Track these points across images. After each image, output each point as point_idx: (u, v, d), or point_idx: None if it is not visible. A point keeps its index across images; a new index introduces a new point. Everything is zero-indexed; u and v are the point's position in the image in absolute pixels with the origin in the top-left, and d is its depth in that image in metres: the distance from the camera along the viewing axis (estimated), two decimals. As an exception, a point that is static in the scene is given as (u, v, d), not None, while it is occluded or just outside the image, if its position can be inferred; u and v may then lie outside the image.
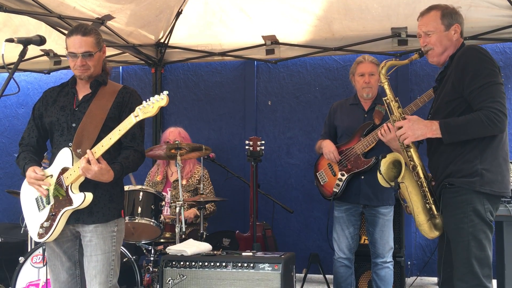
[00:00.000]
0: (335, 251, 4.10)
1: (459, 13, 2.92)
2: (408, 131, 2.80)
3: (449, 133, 2.71)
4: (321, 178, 4.16)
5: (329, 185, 4.09)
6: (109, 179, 2.84)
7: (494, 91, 2.68)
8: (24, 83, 6.19)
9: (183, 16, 5.24)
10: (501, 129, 2.69)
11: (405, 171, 2.86)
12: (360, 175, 3.98)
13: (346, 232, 4.05)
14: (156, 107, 2.70)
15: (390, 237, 4.02)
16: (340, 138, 4.16)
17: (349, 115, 4.14)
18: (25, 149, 3.06)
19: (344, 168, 4.01)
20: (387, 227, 4.01)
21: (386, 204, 3.99)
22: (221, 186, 5.36)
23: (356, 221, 4.08)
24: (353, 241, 4.07)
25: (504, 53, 5.13)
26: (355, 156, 3.97)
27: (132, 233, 4.15)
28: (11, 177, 6.19)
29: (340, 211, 4.07)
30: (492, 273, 2.73)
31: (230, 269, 3.52)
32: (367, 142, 3.93)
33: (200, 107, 5.88)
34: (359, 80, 4.06)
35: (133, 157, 2.97)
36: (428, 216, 2.87)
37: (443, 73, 2.93)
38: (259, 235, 4.60)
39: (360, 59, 4.10)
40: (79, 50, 2.91)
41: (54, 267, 3.03)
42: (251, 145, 4.53)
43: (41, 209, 2.96)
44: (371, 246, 4.07)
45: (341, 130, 4.14)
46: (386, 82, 3.02)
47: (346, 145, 4.06)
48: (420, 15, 2.95)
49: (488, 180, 2.69)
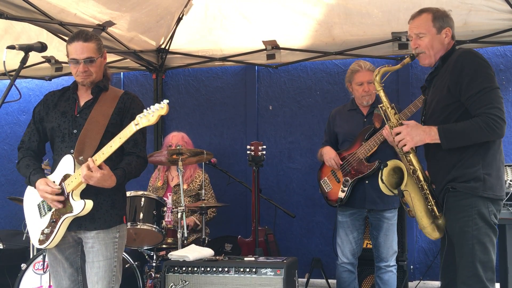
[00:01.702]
0: (339, 256, 4.08)
1: (450, 17, 2.93)
2: (406, 137, 2.79)
3: (448, 139, 2.71)
4: (326, 186, 4.14)
5: (334, 192, 4.07)
6: (112, 185, 2.84)
7: (492, 97, 2.68)
8: (26, 90, 6.20)
9: (183, 22, 5.25)
10: (500, 135, 2.70)
11: (408, 178, 2.85)
12: (364, 180, 3.97)
13: (350, 237, 4.03)
14: (156, 116, 2.70)
15: (394, 241, 4.01)
16: (341, 144, 4.15)
17: (349, 121, 4.13)
18: (26, 154, 3.05)
19: (348, 174, 4.00)
20: (391, 231, 4.00)
21: (391, 207, 3.97)
22: (222, 191, 5.36)
23: (360, 226, 4.06)
24: (357, 246, 4.05)
25: (505, 56, 5.13)
26: (358, 161, 3.96)
27: (134, 239, 4.15)
28: (13, 183, 6.18)
29: (344, 216, 4.05)
30: (495, 276, 2.73)
31: (232, 274, 3.51)
32: (369, 146, 3.93)
33: (201, 112, 5.89)
34: (358, 89, 4.03)
35: (135, 163, 2.97)
36: (431, 218, 2.87)
37: (433, 74, 2.93)
38: (261, 240, 4.59)
39: (357, 67, 4.03)
40: (81, 56, 2.92)
41: (56, 273, 3.02)
42: (252, 149, 4.53)
43: (42, 215, 2.96)
44: (375, 250, 4.06)
45: (342, 136, 4.13)
46: (381, 89, 3.01)
47: (348, 150, 4.05)
48: (411, 18, 2.96)
49: (490, 185, 2.70)
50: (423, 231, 2.91)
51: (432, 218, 2.87)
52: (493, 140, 2.74)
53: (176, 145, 4.68)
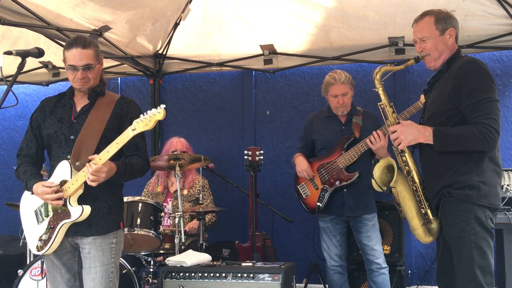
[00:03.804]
0: (327, 259, 4.14)
1: (453, 17, 2.93)
2: (401, 135, 2.82)
3: (441, 141, 2.72)
4: (303, 192, 4.16)
5: (312, 198, 4.10)
6: (113, 172, 2.83)
7: (490, 108, 2.69)
8: (23, 95, 6.19)
9: (181, 26, 5.26)
10: (492, 146, 2.71)
11: (397, 175, 2.87)
12: (343, 188, 4.00)
13: (334, 240, 4.08)
14: (153, 121, 2.70)
15: (378, 242, 4.04)
16: (319, 151, 4.16)
17: (327, 128, 4.14)
18: (24, 161, 3.04)
19: (326, 182, 4.02)
20: (372, 232, 4.02)
21: (370, 212, 4.03)
22: (220, 196, 5.35)
23: (342, 229, 4.11)
24: (342, 248, 4.11)
25: (502, 61, 5.14)
26: (338, 170, 3.98)
27: (131, 244, 4.14)
28: (10, 189, 6.17)
29: (325, 222, 4.10)
30: (494, 281, 2.73)
31: (230, 280, 3.51)
32: (350, 156, 3.94)
33: (199, 117, 5.89)
34: (333, 100, 4.04)
35: (137, 160, 2.97)
36: (423, 220, 2.88)
37: (436, 77, 2.94)
38: (259, 245, 4.59)
39: (331, 80, 4.01)
40: (79, 63, 2.91)
41: (53, 279, 3.01)
42: (250, 155, 4.53)
43: (40, 221, 2.95)
44: (363, 254, 4.10)
45: (320, 143, 4.14)
46: (381, 87, 3.04)
47: (326, 158, 4.06)
48: (414, 22, 2.97)
49: (485, 193, 2.70)
50: (414, 232, 2.92)
51: (424, 220, 2.87)
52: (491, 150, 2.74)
53: (180, 150, 4.69)
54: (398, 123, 2.93)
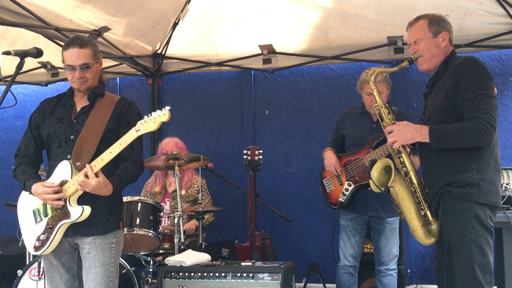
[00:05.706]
0: (340, 258, 4.09)
1: (447, 21, 2.96)
2: (397, 134, 2.82)
3: (437, 139, 2.73)
4: (327, 186, 4.14)
5: (335, 193, 4.08)
6: (108, 193, 2.83)
7: (486, 103, 2.70)
8: (22, 95, 6.19)
9: (179, 26, 5.26)
10: (488, 141, 2.70)
11: (395, 175, 2.87)
12: (367, 187, 3.96)
13: (352, 240, 4.04)
14: (157, 122, 2.70)
15: (395, 245, 4.02)
16: (348, 147, 4.14)
17: (358, 124, 4.11)
18: (22, 161, 3.04)
19: (351, 179, 4.00)
20: (392, 235, 4.00)
21: (393, 215, 3.96)
22: (219, 196, 5.35)
23: (361, 230, 4.06)
24: (359, 249, 4.06)
25: (500, 60, 5.15)
26: (364, 168, 3.94)
27: (130, 244, 4.14)
28: (9, 189, 6.16)
29: (346, 220, 4.06)
30: (493, 279, 2.73)
31: (229, 279, 3.51)
32: (377, 155, 3.90)
33: (198, 117, 5.89)
34: (367, 98, 4.00)
35: (131, 168, 2.96)
36: (422, 221, 2.88)
37: (434, 79, 2.95)
38: (258, 244, 4.59)
39: (366, 78, 3.94)
40: (76, 62, 2.91)
41: (52, 279, 3.01)
42: (249, 154, 4.53)
43: (38, 221, 2.95)
44: (376, 254, 4.07)
45: (350, 139, 4.12)
46: (375, 89, 3.05)
47: (354, 155, 4.04)
48: (408, 25, 3.00)
49: (485, 191, 2.70)
50: (414, 234, 2.91)
51: (423, 222, 2.87)
52: (488, 146, 2.75)
53: (171, 151, 4.66)
54: (394, 124, 2.94)
